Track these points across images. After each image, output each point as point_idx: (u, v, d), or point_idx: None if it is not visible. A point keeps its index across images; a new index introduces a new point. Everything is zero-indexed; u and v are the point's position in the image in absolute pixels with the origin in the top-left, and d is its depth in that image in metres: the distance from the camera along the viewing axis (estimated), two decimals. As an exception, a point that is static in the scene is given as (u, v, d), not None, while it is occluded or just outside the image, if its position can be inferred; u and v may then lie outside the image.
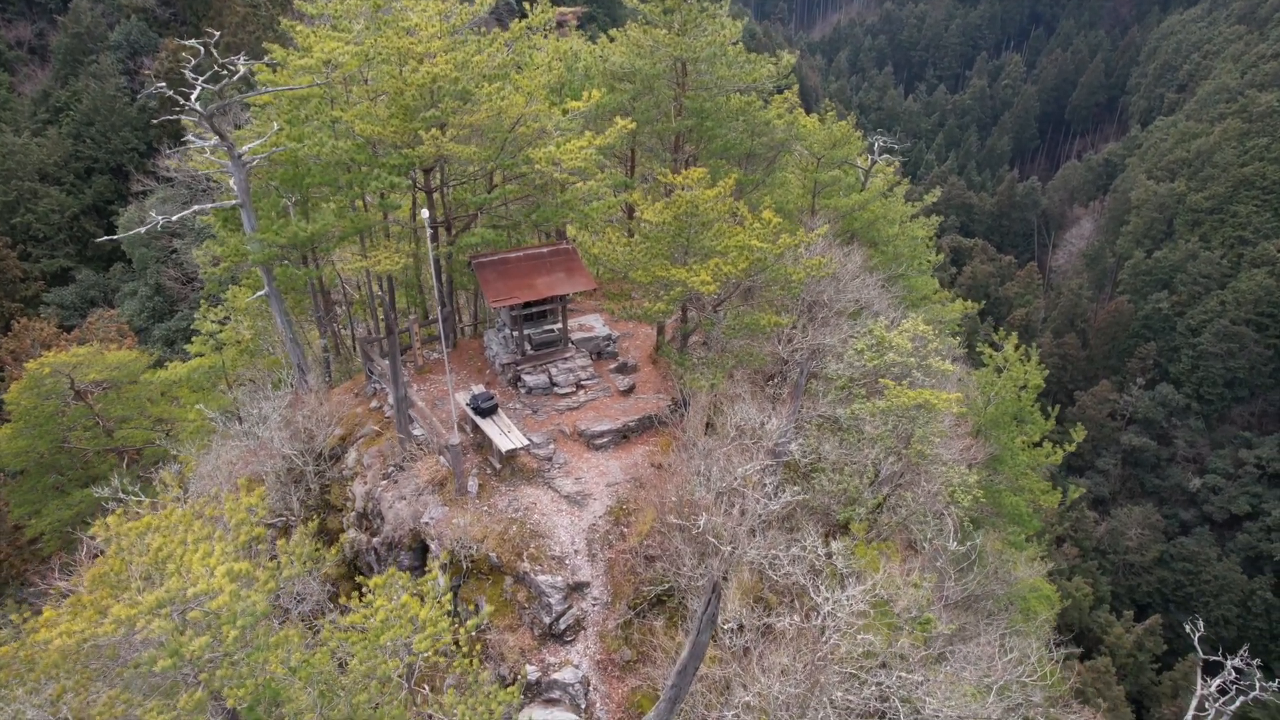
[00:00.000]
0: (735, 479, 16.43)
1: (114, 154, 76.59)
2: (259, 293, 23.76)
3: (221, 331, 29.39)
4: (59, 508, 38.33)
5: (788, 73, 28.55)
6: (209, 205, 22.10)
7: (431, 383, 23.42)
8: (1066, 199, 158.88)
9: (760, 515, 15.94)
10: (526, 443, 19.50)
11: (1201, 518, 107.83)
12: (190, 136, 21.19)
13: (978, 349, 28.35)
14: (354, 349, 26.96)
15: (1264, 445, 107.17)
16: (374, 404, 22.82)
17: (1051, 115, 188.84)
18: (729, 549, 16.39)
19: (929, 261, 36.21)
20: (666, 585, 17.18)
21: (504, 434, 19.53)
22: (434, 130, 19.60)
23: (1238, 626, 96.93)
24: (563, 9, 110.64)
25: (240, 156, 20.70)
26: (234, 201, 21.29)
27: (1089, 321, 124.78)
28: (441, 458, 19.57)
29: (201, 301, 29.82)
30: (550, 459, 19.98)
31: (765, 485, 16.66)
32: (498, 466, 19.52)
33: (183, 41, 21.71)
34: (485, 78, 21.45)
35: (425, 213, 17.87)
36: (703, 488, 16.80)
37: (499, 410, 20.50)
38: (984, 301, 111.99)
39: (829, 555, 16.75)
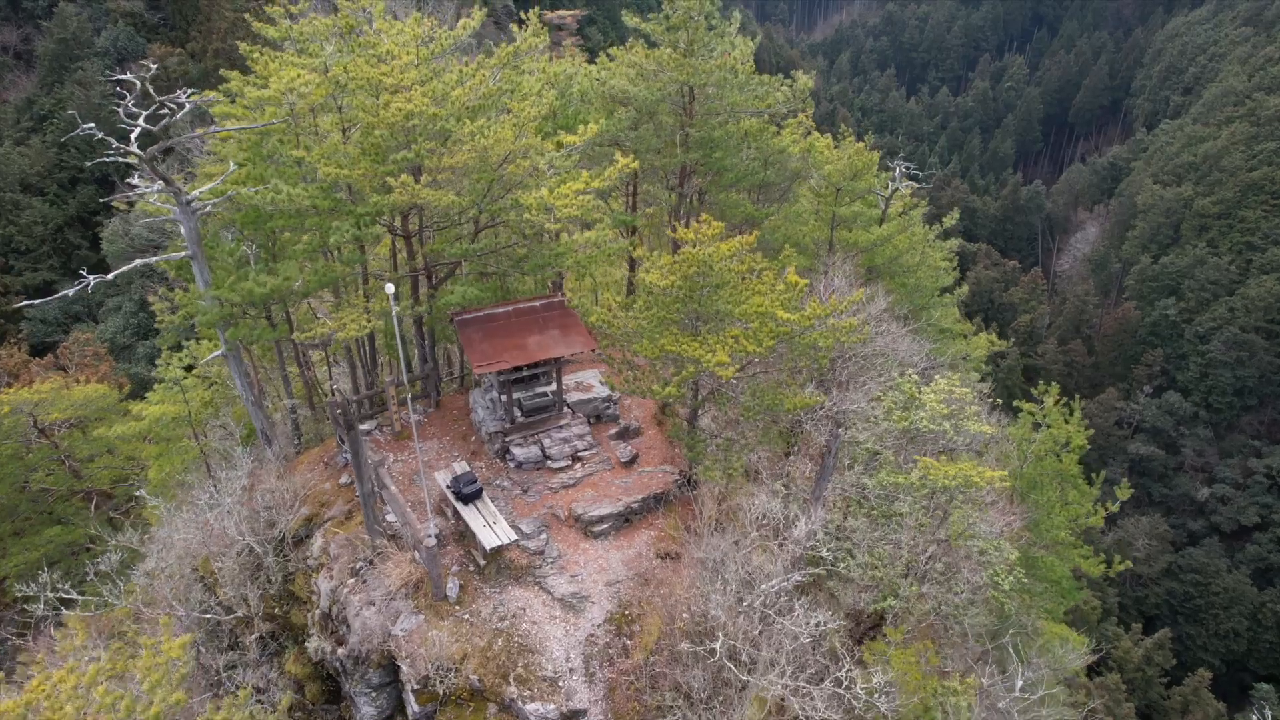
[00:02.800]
0: (757, 597, 14.03)
1: (99, 164, 74.24)
2: (216, 353, 21.22)
3: (186, 379, 26.93)
4: (23, 549, 36.21)
5: (804, 96, 26.08)
6: (154, 258, 19.55)
7: (410, 451, 20.88)
8: (1071, 203, 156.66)
9: (789, 646, 13.53)
10: (514, 537, 16.98)
11: (1210, 528, 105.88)
12: (135, 179, 18.69)
13: (1015, 404, 25.83)
14: (324, 410, 24.42)
15: (1274, 455, 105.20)
16: (344, 479, 20.25)
17: (1055, 118, 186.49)
18: (747, 678, 14.01)
19: (952, 296, 33.69)
20: (677, 715, 14.75)
21: (489, 525, 17.02)
22: (405, 176, 17.08)
23: (1248, 640, 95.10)
24: (562, 11, 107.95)
25: (189, 203, 18.19)
26: (184, 253, 18.77)
27: (1095, 328, 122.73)
28: (417, 553, 17.09)
29: (163, 348, 27.27)
30: (542, 553, 17.44)
31: (795, 609, 14.22)
32: (482, 563, 17.03)
33: (121, 76, 19.14)
34: (468, 111, 18.92)
35: (390, 287, 15.38)
36: (718, 603, 14.36)
37: (483, 495, 17.99)
38: (988, 311, 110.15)
39: (868, 681, 14.38)
